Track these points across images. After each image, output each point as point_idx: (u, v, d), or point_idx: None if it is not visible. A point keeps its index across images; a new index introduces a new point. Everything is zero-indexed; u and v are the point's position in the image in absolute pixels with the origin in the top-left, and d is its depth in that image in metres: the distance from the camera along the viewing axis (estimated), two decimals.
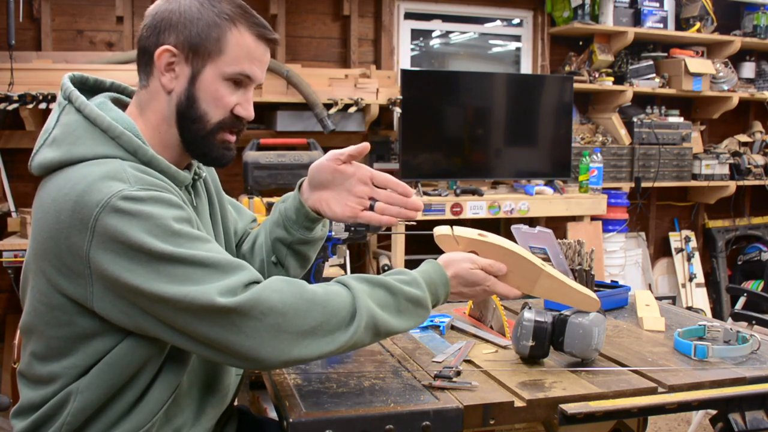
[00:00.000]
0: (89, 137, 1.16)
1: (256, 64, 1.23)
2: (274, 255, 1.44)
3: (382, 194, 1.37)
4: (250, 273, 1.12)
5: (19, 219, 3.11)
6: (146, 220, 1.07)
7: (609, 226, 4.03)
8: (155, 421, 1.17)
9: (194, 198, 1.33)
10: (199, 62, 1.20)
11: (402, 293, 1.21)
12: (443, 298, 1.29)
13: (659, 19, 4.30)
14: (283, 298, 1.10)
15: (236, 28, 1.20)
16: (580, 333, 1.37)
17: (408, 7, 4.14)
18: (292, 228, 1.41)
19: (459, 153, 3.71)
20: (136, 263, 1.06)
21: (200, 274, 1.08)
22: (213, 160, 1.27)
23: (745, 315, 2.73)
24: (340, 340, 1.13)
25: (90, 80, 1.30)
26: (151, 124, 1.23)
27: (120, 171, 1.11)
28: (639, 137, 4.21)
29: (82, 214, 1.07)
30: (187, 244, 1.09)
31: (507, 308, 1.86)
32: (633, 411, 1.25)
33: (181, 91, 1.21)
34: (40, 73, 3.18)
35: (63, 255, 1.10)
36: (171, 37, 1.20)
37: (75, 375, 1.15)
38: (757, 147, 4.74)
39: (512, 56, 4.53)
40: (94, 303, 1.11)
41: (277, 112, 3.55)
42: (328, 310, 1.13)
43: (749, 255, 4.78)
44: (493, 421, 1.21)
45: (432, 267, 1.29)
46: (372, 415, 1.15)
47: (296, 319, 1.10)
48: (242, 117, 1.25)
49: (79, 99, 1.19)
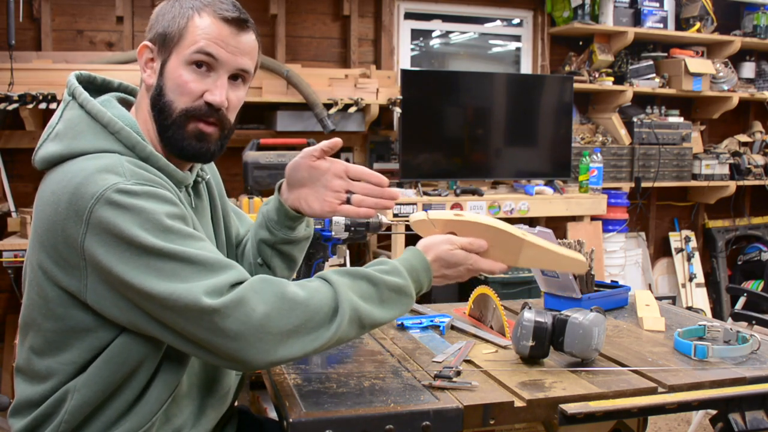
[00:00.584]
0: (90, 132, 1.17)
1: (219, 44, 1.21)
2: (260, 257, 1.45)
3: (358, 186, 1.37)
4: (237, 273, 1.12)
5: (19, 219, 3.10)
6: (138, 213, 1.08)
7: (609, 226, 4.03)
8: (154, 420, 1.17)
9: (195, 199, 1.34)
10: (165, 52, 1.22)
11: (384, 283, 1.21)
12: (427, 284, 1.28)
13: (659, 19, 4.30)
14: (266, 298, 1.10)
15: (199, 15, 1.21)
16: (580, 333, 1.37)
17: (408, 7, 4.14)
18: (274, 228, 1.42)
19: (459, 153, 3.71)
20: (127, 256, 1.07)
21: (188, 271, 1.08)
22: (186, 153, 1.24)
23: (745, 315, 2.73)
24: (324, 336, 1.13)
25: (98, 80, 1.31)
26: (143, 121, 1.25)
27: (117, 165, 1.12)
28: (639, 137, 4.21)
29: (78, 206, 1.08)
30: (177, 240, 1.10)
31: (507, 308, 1.86)
32: (633, 411, 1.25)
33: (153, 84, 1.23)
34: (40, 73, 3.18)
35: (59, 246, 1.11)
36: (150, 33, 1.24)
37: (71, 371, 1.15)
38: (757, 147, 4.74)
39: (512, 56, 4.53)
40: (87, 295, 1.12)
41: (277, 112, 3.55)
42: (311, 307, 1.13)
43: (749, 255, 4.78)
44: (493, 421, 1.21)
45: (412, 254, 1.29)
46: (372, 415, 1.15)
47: (279, 319, 1.10)
48: (214, 104, 1.22)
49: (82, 95, 1.21)
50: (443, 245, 1.30)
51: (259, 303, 1.09)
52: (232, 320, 1.07)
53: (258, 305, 1.09)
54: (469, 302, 1.80)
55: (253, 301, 1.09)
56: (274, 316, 1.09)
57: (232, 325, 1.07)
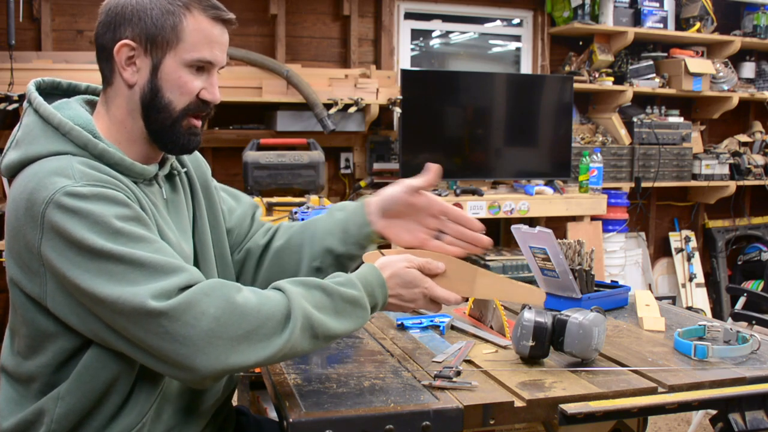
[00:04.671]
0: (43, 135, 1.17)
1: (216, 48, 1.23)
2: (320, 261, 1.42)
3: (452, 229, 1.38)
4: (188, 275, 1.10)
5: None
6: (86, 216, 1.07)
7: (609, 226, 4.03)
8: (145, 421, 1.18)
9: (169, 192, 1.32)
10: (158, 52, 1.20)
11: (338, 294, 1.18)
12: (382, 300, 1.25)
13: (659, 19, 4.30)
14: (216, 303, 1.07)
15: (190, 13, 1.20)
16: (580, 333, 1.37)
17: (408, 7, 4.14)
18: (347, 241, 1.40)
19: (459, 153, 3.71)
20: (78, 260, 1.07)
21: (136, 274, 1.07)
22: (180, 147, 1.27)
23: (745, 315, 2.73)
24: (276, 344, 1.10)
25: (63, 84, 1.32)
26: (117, 119, 1.24)
27: (66, 167, 1.12)
28: (639, 137, 4.21)
29: (33, 211, 1.09)
30: (128, 243, 1.08)
31: (507, 308, 1.86)
32: (633, 411, 1.25)
33: (143, 84, 1.21)
34: (40, 73, 3.17)
35: (22, 253, 1.12)
36: (127, 30, 1.20)
37: (48, 373, 1.16)
38: (757, 147, 4.74)
39: (512, 56, 4.53)
40: (48, 302, 1.12)
41: (277, 112, 3.55)
42: (262, 314, 1.10)
43: (749, 255, 4.78)
44: (493, 421, 1.21)
45: (367, 269, 1.26)
46: (372, 415, 1.14)
47: (230, 324, 1.07)
48: (209, 101, 1.25)
49: (36, 100, 1.21)
50: (400, 263, 1.28)
51: (209, 306, 1.07)
52: (180, 324, 1.05)
53: (208, 308, 1.06)
54: (469, 302, 1.80)
55: (202, 304, 1.06)
56: (225, 321, 1.06)
57: (180, 329, 1.05)
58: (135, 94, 1.22)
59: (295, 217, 1.75)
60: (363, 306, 1.21)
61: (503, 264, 3.55)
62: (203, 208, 1.41)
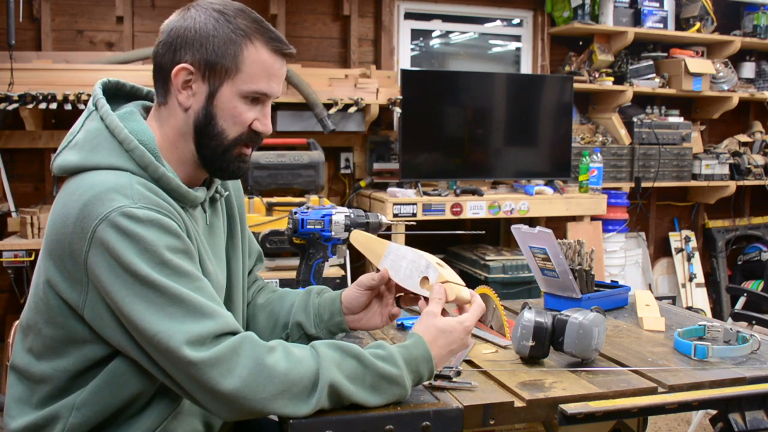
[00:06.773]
0: (107, 147, 1.17)
1: (273, 80, 1.23)
2: (288, 332, 1.44)
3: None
4: (224, 322, 1.11)
5: (19, 219, 3.10)
6: (138, 242, 1.08)
7: (609, 226, 4.03)
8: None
9: (210, 216, 1.33)
10: (216, 80, 1.20)
11: (374, 367, 1.14)
12: (428, 373, 1.21)
13: (659, 19, 4.30)
14: (245, 362, 1.08)
15: (252, 44, 1.20)
16: (580, 333, 1.37)
17: (408, 7, 4.14)
18: (318, 325, 1.43)
19: (459, 153, 3.71)
20: (122, 281, 1.08)
21: (175, 309, 1.07)
22: (229, 173, 1.28)
23: (745, 315, 2.73)
24: (301, 409, 1.09)
25: (127, 87, 1.32)
26: (169, 139, 1.24)
27: (127, 186, 1.12)
28: (639, 137, 4.21)
29: (84, 223, 1.09)
30: (172, 276, 1.09)
31: (507, 308, 1.86)
32: (633, 411, 1.25)
33: (198, 109, 1.21)
34: (40, 73, 3.18)
35: (65, 259, 1.12)
36: (187, 54, 1.19)
37: (64, 379, 1.17)
38: (757, 147, 4.74)
39: (512, 56, 4.53)
40: (84, 311, 1.13)
41: (277, 112, 3.55)
42: (290, 378, 1.09)
43: (749, 255, 4.78)
44: (493, 421, 1.21)
45: (414, 342, 1.22)
46: (372, 415, 1.14)
47: (255, 386, 1.07)
48: (260, 132, 1.25)
49: (104, 107, 1.20)
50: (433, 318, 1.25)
51: (237, 365, 1.07)
52: (208, 378, 1.06)
53: (235, 368, 1.07)
54: None
55: (231, 362, 1.07)
56: (251, 382, 1.07)
57: (208, 383, 1.06)
58: (189, 118, 1.22)
59: (295, 218, 1.75)
60: (401, 384, 1.16)
61: (503, 264, 3.54)
62: (238, 234, 1.42)
